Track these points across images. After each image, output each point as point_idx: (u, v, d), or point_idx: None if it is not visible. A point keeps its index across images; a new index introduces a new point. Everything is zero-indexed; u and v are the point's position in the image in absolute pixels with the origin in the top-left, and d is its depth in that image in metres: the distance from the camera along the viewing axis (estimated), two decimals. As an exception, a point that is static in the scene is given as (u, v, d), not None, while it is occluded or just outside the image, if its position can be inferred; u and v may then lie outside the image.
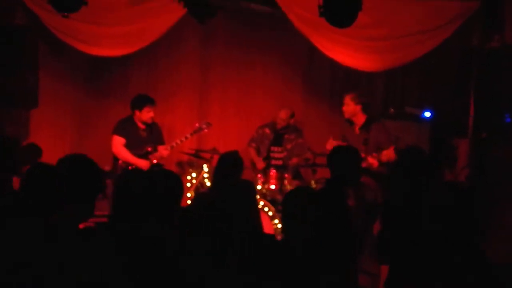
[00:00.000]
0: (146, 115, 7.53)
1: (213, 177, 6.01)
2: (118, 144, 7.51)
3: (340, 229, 4.12)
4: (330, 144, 6.81)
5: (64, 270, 3.29)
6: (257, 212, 4.24)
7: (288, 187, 7.52)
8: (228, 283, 3.52)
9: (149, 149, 7.56)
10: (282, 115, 8.22)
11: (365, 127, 7.02)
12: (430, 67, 8.13)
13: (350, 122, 7.17)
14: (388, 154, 6.48)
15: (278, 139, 8.26)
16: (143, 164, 7.43)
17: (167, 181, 4.35)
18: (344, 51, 7.48)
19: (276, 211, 7.20)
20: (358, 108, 7.09)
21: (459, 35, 7.37)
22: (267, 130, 8.33)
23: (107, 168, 7.49)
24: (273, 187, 7.60)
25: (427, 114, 7.93)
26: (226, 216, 3.88)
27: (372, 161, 6.54)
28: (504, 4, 7.34)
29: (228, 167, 5.75)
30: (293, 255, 3.68)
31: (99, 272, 3.32)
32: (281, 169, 7.85)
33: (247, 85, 8.96)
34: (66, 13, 6.28)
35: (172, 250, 3.51)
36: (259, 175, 7.76)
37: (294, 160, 8.08)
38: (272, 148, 8.23)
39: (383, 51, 7.42)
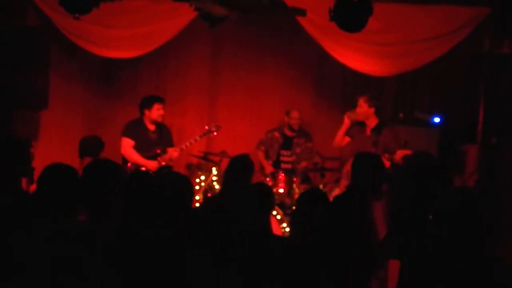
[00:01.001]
0: (155, 113, 7.47)
1: (223, 180, 6.01)
2: (127, 146, 7.48)
3: (350, 236, 4.12)
4: (349, 115, 7.19)
5: (64, 269, 3.30)
6: (267, 215, 4.25)
7: (297, 190, 7.53)
8: (228, 283, 3.53)
9: (158, 151, 7.54)
10: (295, 115, 8.24)
11: (377, 130, 7.08)
12: (440, 73, 8.13)
13: (362, 124, 7.19)
14: (403, 154, 6.51)
15: (287, 143, 8.29)
16: (152, 165, 7.40)
17: (176, 183, 4.38)
18: (355, 55, 7.50)
19: (284, 214, 7.20)
20: (371, 110, 7.16)
21: (469, 41, 7.37)
22: (276, 134, 8.34)
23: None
24: (281, 190, 7.61)
25: (437, 119, 7.91)
26: (233, 218, 3.90)
27: (385, 162, 6.55)
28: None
29: (238, 170, 5.74)
30: (297, 256, 3.69)
31: (100, 272, 3.33)
32: (290, 173, 7.86)
33: (256, 88, 8.94)
34: (77, 15, 6.30)
35: (173, 251, 3.52)
36: (267, 179, 7.79)
37: (303, 164, 8.12)
38: (282, 152, 8.26)
39: (393, 56, 7.44)
